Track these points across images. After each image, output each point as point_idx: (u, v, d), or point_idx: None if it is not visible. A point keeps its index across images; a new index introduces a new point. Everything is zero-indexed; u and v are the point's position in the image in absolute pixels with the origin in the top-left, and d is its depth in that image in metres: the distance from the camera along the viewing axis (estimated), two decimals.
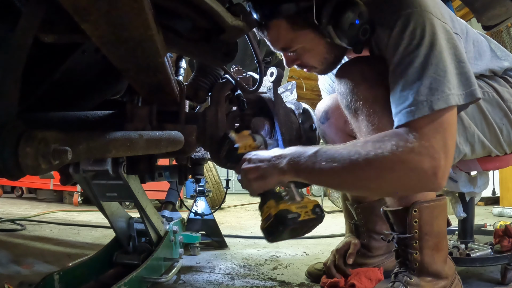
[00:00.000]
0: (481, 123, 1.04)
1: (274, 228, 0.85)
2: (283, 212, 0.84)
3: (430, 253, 0.95)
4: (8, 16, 0.59)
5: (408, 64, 0.81)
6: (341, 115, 1.10)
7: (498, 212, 3.56)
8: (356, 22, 0.89)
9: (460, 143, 1.03)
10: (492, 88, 1.07)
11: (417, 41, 0.81)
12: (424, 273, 0.96)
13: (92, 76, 0.87)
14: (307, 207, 0.87)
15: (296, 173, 0.86)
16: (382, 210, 1.03)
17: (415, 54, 0.81)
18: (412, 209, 0.94)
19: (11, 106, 0.46)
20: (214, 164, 4.23)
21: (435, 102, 0.78)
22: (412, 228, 0.94)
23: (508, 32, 4.05)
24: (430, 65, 0.80)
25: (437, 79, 0.79)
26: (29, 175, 0.42)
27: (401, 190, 0.88)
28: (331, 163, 0.80)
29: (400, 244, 0.99)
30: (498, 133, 1.05)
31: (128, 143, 0.58)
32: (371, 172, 0.79)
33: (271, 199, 0.88)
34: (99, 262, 1.17)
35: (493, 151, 1.07)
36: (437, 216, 0.95)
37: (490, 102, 1.04)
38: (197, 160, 1.31)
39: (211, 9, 0.66)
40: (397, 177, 0.78)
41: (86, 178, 1.12)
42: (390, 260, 1.30)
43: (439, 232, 0.96)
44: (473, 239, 1.36)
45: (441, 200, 0.97)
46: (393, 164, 0.77)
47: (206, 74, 1.06)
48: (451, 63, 0.82)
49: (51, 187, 4.13)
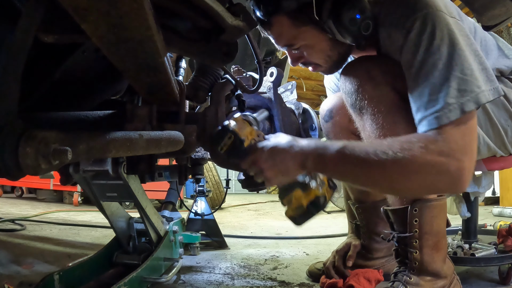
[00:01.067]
0: (486, 124, 1.04)
1: (308, 215, 0.88)
2: (316, 200, 0.87)
3: (430, 252, 0.95)
4: (8, 16, 0.59)
5: (432, 66, 0.80)
6: (345, 114, 1.10)
7: (498, 212, 3.56)
8: (357, 16, 0.88)
9: None
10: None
11: (438, 42, 0.80)
12: (423, 272, 0.96)
13: (92, 76, 0.87)
14: (325, 183, 0.89)
15: (322, 169, 0.85)
16: (383, 209, 1.04)
17: (438, 55, 0.80)
18: (412, 208, 0.94)
19: (11, 106, 0.46)
20: (214, 164, 4.23)
21: (465, 104, 0.77)
22: (412, 227, 0.95)
23: (508, 32, 4.05)
24: (455, 65, 0.79)
25: (464, 79, 0.78)
26: (29, 175, 0.42)
27: (426, 191, 0.88)
28: (359, 161, 0.79)
29: (400, 243, 1.00)
30: (502, 134, 1.05)
31: (128, 143, 0.58)
32: (399, 173, 0.78)
33: (297, 188, 0.88)
34: (99, 262, 1.17)
35: (497, 152, 1.07)
36: (437, 215, 0.96)
37: (495, 103, 1.04)
38: (197, 160, 1.31)
39: (211, 9, 0.66)
40: (423, 179, 0.78)
41: (86, 178, 1.12)
42: (390, 263, 1.29)
43: (439, 232, 0.97)
44: (477, 239, 1.36)
45: (441, 200, 0.97)
46: (421, 165, 0.76)
47: (206, 74, 1.06)
48: (474, 60, 0.81)
49: (51, 187, 4.12)
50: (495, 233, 1.42)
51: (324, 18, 0.90)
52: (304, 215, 0.88)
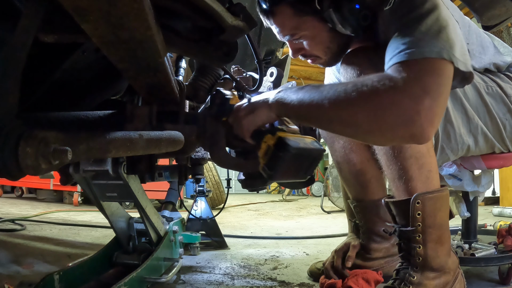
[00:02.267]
0: (484, 116, 1.05)
1: (275, 158, 0.83)
2: (282, 139, 0.83)
3: (434, 247, 0.93)
4: (8, 16, 0.59)
5: (411, 22, 0.79)
6: None
7: (498, 212, 3.56)
8: (356, 6, 0.91)
9: (464, 134, 1.03)
10: (495, 83, 1.07)
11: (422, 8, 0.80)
12: (427, 268, 0.94)
13: (92, 76, 0.87)
14: (305, 139, 0.86)
15: (284, 106, 0.84)
16: (384, 201, 1.02)
17: (418, 15, 0.79)
18: (415, 201, 0.92)
19: (11, 106, 0.46)
20: (214, 164, 4.23)
21: (430, 50, 0.74)
22: (415, 221, 0.93)
23: (508, 32, 4.05)
24: (432, 23, 0.78)
25: (438, 36, 0.76)
26: (29, 175, 0.42)
27: (383, 129, 0.76)
28: (317, 95, 0.78)
29: (402, 238, 0.97)
30: (501, 127, 1.06)
31: (128, 143, 0.58)
32: (351, 104, 0.74)
33: (267, 134, 0.86)
34: (99, 262, 1.17)
35: (496, 145, 1.07)
36: (440, 207, 0.94)
37: (493, 97, 1.05)
38: (197, 160, 1.31)
39: (211, 9, 0.66)
40: (374, 110, 0.72)
41: (86, 178, 1.12)
42: (390, 265, 1.28)
43: (442, 225, 0.95)
44: (476, 239, 1.36)
45: (443, 191, 0.95)
46: (370, 95, 0.72)
47: (206, 74, 1.06)
48: (454, 31, 0.80)
49: (51, 187, 4.13)
50: (495, 233, 1.42)
51: (325, 8, 0.92)
52: (273, 159, 0.83)
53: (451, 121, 1.01)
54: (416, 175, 0.93)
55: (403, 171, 0.93)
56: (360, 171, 1.28)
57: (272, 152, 0.84)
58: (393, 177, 0.96)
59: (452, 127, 1.02)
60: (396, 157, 0.93)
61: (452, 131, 1.02)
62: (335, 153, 1.33)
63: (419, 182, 0.93)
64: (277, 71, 1.15)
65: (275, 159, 0.83)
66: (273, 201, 6.20)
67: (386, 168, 0.98)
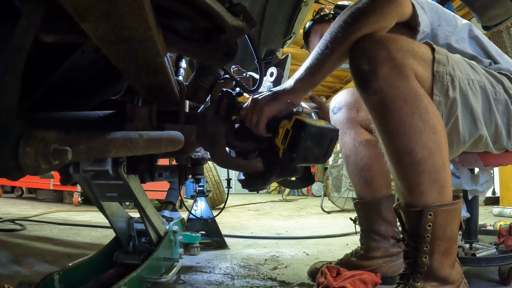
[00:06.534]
0: (489, 123, 1.03)
1: (295, 140, 0.85)
2: (299, 120, 0.86)
3: (440, 258, 0.91)
4: (8, 16, 0.59)
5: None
6: (354, 106, 1.28)
7: (498, 212, 3.56)
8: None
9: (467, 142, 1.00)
10: (501, 86, 1.05)
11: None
12: (431, 278, 0.92)
13: (92, 76, 0.87)
14: (320, 121, 0.91)
15: (304, 79, 0.93)
16: (395, 208, 0.98)
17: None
18: (427, 212, 0.89)
19: (11, 106, 0.46)
20: (214, 164, 4.22)
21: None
22: (424, 232, 0.90)
23: (508, 32, 4.05)
24: None
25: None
26: (29, 175, 0.42)
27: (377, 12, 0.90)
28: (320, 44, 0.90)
29: (409, 246, 0.95)
30: (499, 133, 1.05)
31: (128, 143, 0.58)
32: (354, 19, 0.87)
33: (284, 120, 0.90)
34: (99, 262, 1.17)
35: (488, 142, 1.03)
36: (452, 220, 0.91)
37: (500, 102, 1.03)
38: (197, 160, 1.31)
39: (211, 9, 0.66)
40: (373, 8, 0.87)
41: (86, 178, 1.12)
42: (388, 265, 1.28)
43: (451, 237, 0.92)
44: (477, 239, 1.35)
45: (457, 204, 0.92)
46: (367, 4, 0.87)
47: (206, 74, 1.06)
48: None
49: (51, 187, 4.13)
50: (495, 233, 1.42)
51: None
52: (293, 141, 0.86)
53: (458, 130, 0.98)
54: (428, 191, 0.89)
55: (414, 185, 0.89)
56: (367, 166, 1.29)
57: (291, 135, 0.85)
58: (402, 189, 0.93)
59: (457, 135, 0.99)
60: (408, 169, 0.89)
61: (456, 139, 1.00)
62: (345, 145, 1.35)
63: (430, 197, 0.89)
64: (277, 71, 1.15)
65: (295, 140, 0.85)
66: (273, 201, 6.20)
67: (395, 178, 0.94)
